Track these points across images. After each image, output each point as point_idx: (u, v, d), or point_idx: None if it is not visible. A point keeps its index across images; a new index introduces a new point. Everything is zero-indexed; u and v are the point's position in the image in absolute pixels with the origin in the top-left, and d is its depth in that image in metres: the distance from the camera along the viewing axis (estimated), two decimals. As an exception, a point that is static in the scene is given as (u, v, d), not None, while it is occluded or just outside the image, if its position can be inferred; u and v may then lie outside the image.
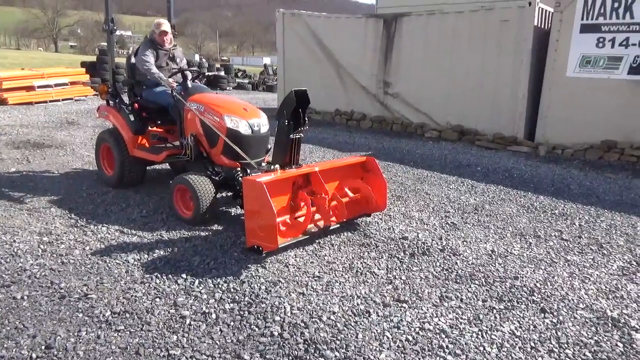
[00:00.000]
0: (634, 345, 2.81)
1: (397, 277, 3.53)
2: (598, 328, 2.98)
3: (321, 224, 4.05)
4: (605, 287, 3.54)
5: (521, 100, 8.56)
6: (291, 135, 3.83)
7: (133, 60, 5.23)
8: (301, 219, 3.85)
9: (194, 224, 4.28)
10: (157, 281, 3.27)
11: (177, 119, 4.80)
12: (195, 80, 5.19)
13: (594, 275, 3.72)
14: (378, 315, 2.99)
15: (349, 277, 3.48)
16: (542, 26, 8.50)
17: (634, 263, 4.00)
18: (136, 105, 5.11)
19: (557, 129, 8.25)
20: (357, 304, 3.11)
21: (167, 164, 5.86)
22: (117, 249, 3.76)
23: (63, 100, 13.04)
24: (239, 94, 18.39)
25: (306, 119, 3.90)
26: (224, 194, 4.94)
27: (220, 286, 3.24)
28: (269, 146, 4.73)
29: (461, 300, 3.24)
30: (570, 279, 3.65)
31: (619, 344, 2.82)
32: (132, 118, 5.03)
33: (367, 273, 3.56)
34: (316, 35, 11.30)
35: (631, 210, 5.48)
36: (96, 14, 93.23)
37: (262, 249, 3.54)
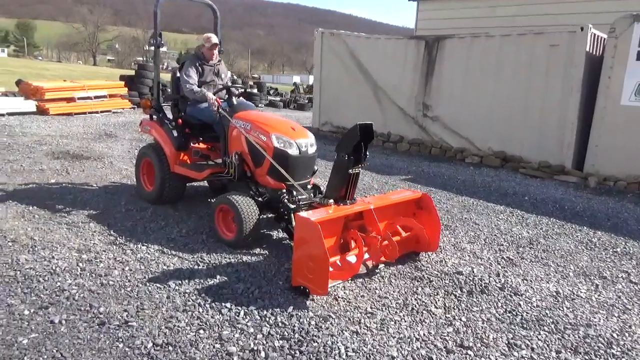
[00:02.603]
0: None
1: (456, 317, 3.23)
2: (694, 392, 2.62)
3: (369, 263, 3.78)
4: (692, 341, 3.16)
5: (570, 128, 8.19)
6: (350, 170, 3.59)
7: (178, 75, 5.14)
8: (351, 258, 3.57)
9: (236, 247, 4.08)
10: (200, 310, 3.06)
11: (221, 137, 4.65)
12: (240, 97, 5.06)
13: (676, 327, 3.34)
14: (442, 363, 2.70)
15: (404, 316, 3.20)
16: (594, 52, 8.15)
17: None
18: (179, 120, 4.99)
19: (608, 159, 7.82)
20: (417, 348, 2.83)
21: (206, 182, 5.71)
22: (157, 271, 3.58)
23: (101, 112, 13.20)
24: (271, 112, 18.39)
25: (367, 153, 3.65)
26: (266, 216, 4.74)
27: (267, 319, 3.01)
28: (316, 167, 4.52)
29: (532, 349, 2.92)
30: (649, 329, 3.28)
31: None
32: (175, 133, 4.91)
33: (424, 312, 3.27)
34: (354, 55, 11.18)
35: (701, 251, 5.04)
36: (134, 30, 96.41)
37: (309, 292, 3.29)
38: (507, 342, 2.98)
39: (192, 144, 5.08)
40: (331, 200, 3.61)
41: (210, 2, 5.49)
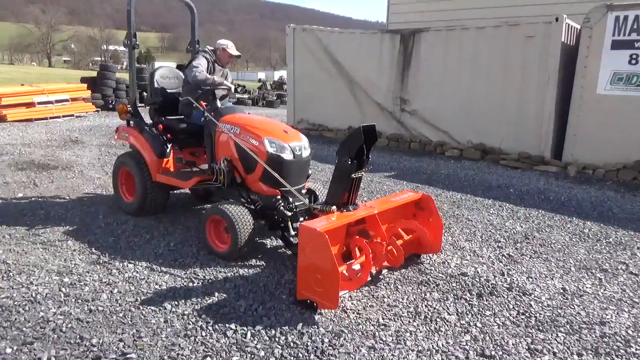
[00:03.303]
0: None
1: (471, 323, 3.11)
2: None
3: (373, 269, 3.62)
4: None
5: (548, 118, 8.25)
6: (353, 175, 3.40)
7: (158, 79, 4.86)
8: (356, 267, 3.39)
9: (230, 259, 3.84)
10: (203, 334, 2.82)
11: (207, 142, 4.38)
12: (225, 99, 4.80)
13: (685, 319, 3.32)
14: (467, 376, 2.56)
15: (418, 325, 3.05)
16: (569, 42, 8.22)
17: None
18: (160, 126, 4.69)
19: (587, 148, 7.92)
20: (439, 361, 2.68)
21: (187, 189, 5.42)
22: (149, 292, 3.31)
23: (64, 117, 12.57)
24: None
25: (369, 156, 3.46)
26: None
27: (277, 339, 2.80)
28: (310, 171, 4.32)
29: (554, 354, 2.82)
30: (661, 323, 3.24)
31: None
32: (156, 140, 4.61)
33: (438, 319, 3.13)
34: (328, 51, 10.98)
35: (688, 237, 5.11)
36: (90, 29, 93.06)
37: (316, 305, 3.10)
38: (527, 347, 2.87)
39: (174, 151, 4.78)
40: (334, 207, 3.42)
41: (187, 0, 5.19)
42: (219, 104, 4.53)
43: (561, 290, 3.67)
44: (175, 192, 5.40)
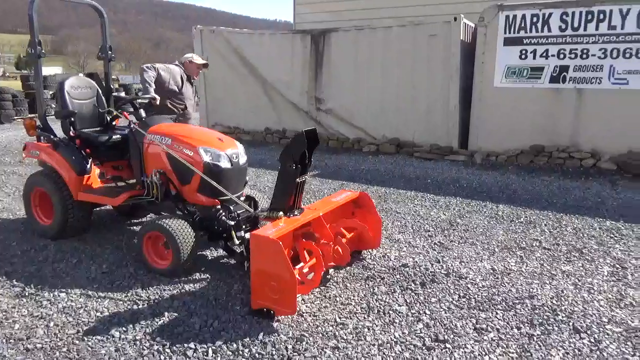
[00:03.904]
0: (675, 356, 2.82)
1: (421, 312, 3.29)
2: (633, 342, 2.97)
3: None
4: (612, 295, 3.60)
5: (453, 111, 8.86)
6: (297, 179, 3.42)
7: (69, 90, 4.50)
8: (306, 271, 3.42)
9: (173, 276, 3.69)
10: (162, 357, 2.70)
11: (134, 155, 4.15)
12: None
13: (594, 285, 3.78)
14: (428, 362, 2.72)
15: (374, 320, 3.16)
16: (467, 40, 8.88)
17: (618, 266, 4.16)
18: (78, 140, 4.35)
19: (489, 137, 8.63)
20: (400, 352, 2.81)
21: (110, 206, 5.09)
22: (91, 321, 3.08)
23: (-59, 133, 11.13)
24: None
25: (312, 160, 3.51)
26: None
27: (241, 352, 2.75)
28: (247, 178, 4.26)
29: (497, 330, 3.07)
30: (577, 291, 3.66)
31: (661, 357, 2.83)
32: (74, 156, 4.27)
33: (390, 312, 3.27)
34: (239, 53, 10.84)
35: (581, 211, 5.79)
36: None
37: (273, 313, 3.09)
38: (473, 327, 3.10)
39: (95, 166, 4.46)
40: (280, 213, 3.42)
41: (94, 2, 4.85)
42: (143, 113, 4.31)
43: (491, 271, 4.01)
44: (96, 209, 5.04)
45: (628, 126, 7.54)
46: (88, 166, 4.31)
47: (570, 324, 3.16)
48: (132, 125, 4.06)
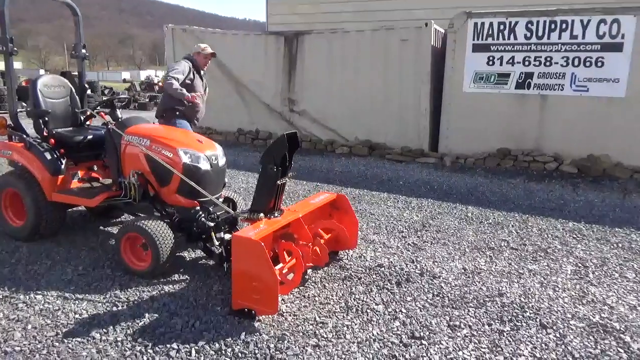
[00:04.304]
0: (632, 349, 3.03)
1: (397, 310, 3.40)
2: (595, 337, 3.16)
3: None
4: (575, 293, 3.81)
5: (424, 114, 9.08)
6: (278, 182, 3.48)
7: (42, 89, 4.42)
8: (285, 272, 3.48)
9: (151, 277, 3.69)
10: (145, 358, 2.72)
11: (111, 156, 4.12)
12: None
13: (559, 283, 3.99)
14: (405, 358, 2.83)
15: (352, 318, 3.26)
16: (437, 45, 9.12)
17: (581, 265, 4.39)
18: (52, 140, 4.28)
19: (458, 140, 8.88)
20: (379, 348, 2.92)
21: (84, 207, 5.01)
22: (70, 323, 3.06)
23: None
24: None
25: (292, 162, 3.59)
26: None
27: (224, 352, 2.80)
28: (226, 180, 4.29)
29: (470, 327, 3.22)
30: (542, 289, 3.86)
31: (619, 350, 3.02)
32: (48, 156, 4.20)
33: (368, 310, 3.38)
34: (212, 52, 10.77)
35: (546, 212, 6.06)
36: None
37: (255, 313, 3.14)
38: (447, 324, 3.24)
39: (69, 167, 4.40)
40: (261, 214, 3.47)
41: (69, 1, 4.77)
42: (119, 113, 4.28)
43: (462, 270, 4.17)
44: (68, 210, 4.96)
45: (588, 131, 7.91)
46: (62, 166, 4.24)
47: (537, 320, 3.34)
48: (109, 126, 4.03)
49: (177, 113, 5.26)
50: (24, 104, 5.79)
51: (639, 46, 7.37)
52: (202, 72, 5.59)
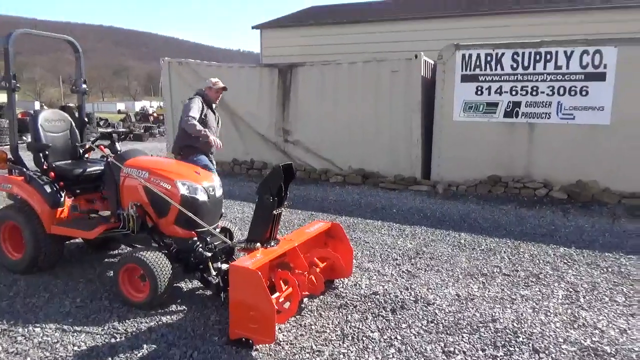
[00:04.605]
0: (623, 372, 3.09)
1: (392, 337, 3.46)
2: (587, 360, 3.23)
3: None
4: (566, 317, 3.88)
5: (416, 143, 9.27)
6: (274, 211, 3.58)
7: (43, 123, 4.54)
8: (283, 302, 3.54)
9: (149, 308, 3.73)
10: (144, 389, 2.75)
11: (110, 188, 4.20)
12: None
13: (550, 308, 4.06)
14: (401, 385, 2.87)
15: (348, 346, 3.31)
16: (427, 76, 9.39)
17: (572, 290, 4.48)
18: (52, 173, 4.36)
19: (450, 167, 9.05)
20: (375, 376, 2.96)
21: (81, 239, 5.06)
22: (69, 356, 3.09)
23: None
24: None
25: (287, 193, 3.70)
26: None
27: (222, 382, 2.83)
28: (223, 210, 4.38)
29: (464, 353, 3.27)
30: (535, 314, 3.93)
31: (611, 372, 3.09)
32: (48, 189, 4.28)
33: (364, 338, 3.43)
34: (207, 84, 11.00)
35: (537, 238, 6.16)
36: None
37: (252, 342, 3.19)
38: (442, 350, 3.30)
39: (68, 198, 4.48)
40: (258, 244, 3.55)
41: (70, 38, 4.94)
42: (118, 146, 4.40)
43: (456, 297, 4.24)
44: (65, 242, 5.01)
45: (576, 158, 8.11)
46: (62, 199, 4.32)
47: (530, 344, 3.40)
48: (109, 159, 4.13)
49: (194, 149, 5.34)
50: (23, 137, 5.89)
51: (620, 75, 7.65)
52: (213, 106, 5.65)
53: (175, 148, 5.56)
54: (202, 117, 5.34)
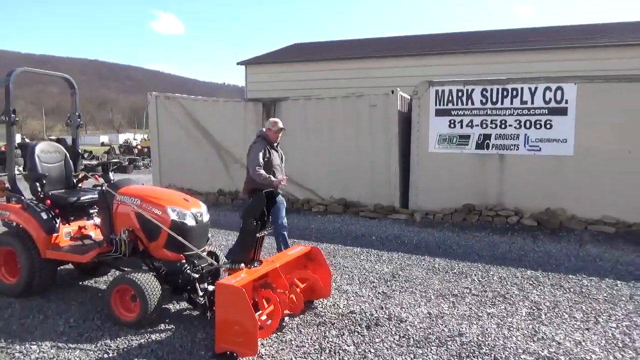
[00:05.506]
0: (573, 377, 3.42)
1: (367, 350, 3.75)
2: (542, 367, 3.56)
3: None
4: (527, 331, 4.22)
5: (394, 174, 9.70)
6: (257, 234, 3.91)
7: (39, 154, 4.84)
8: (265, 318, 3.82)
9: (139, 327, 3.96)
10: (136, 397, 2.98)
11: (103, 215, 4.48)
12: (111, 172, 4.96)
13: (514, 323, 4.40)
14: (373, 391, 3.16)
15: (326, 358, 3.59)
16: (404, 110, 9.92)
17: (535, 308, 4.83)
18: (48, 201, 4.64)
19: (426, 197, 9.47)
20: (349, 383, 3.24)
21: (71, 265, 5.28)
22: (65, 369, 3.31)
23: None
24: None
25: (270, 217, 4.04)
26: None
27: (209, 390, 3.08)
28: (210, 235, 4.68)
29: (432, 363, 3.58)
30: (499, 329, 4.26)
31: (563, 378, 3.42)
32: (44, 216, 4.54)
33: (340, 351, 3.71)
34: (193, 118, 11.41)
35: (507, 262, 6.55)
36: None
37: (236, 355, 3.46)
38: (411, 362, 3.59)
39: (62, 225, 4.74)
40: (242, 265, 3.85)
41: (67, 75, 5.30)
42: (112, 176, 4.70)
43: (427, 314, 4.55)
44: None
45: (544, 187, 8.59)
46: (57, 225, 4.58)
47: (492, 355, 3.73)
48: (103, 187, 4.43)
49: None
50: (19, 168, 6.16)
51: (581, 110, 8.24)
52: (275, 145, 5.84)
53: (245, 190, 5.85)
54: (266, 159, 5.58)
